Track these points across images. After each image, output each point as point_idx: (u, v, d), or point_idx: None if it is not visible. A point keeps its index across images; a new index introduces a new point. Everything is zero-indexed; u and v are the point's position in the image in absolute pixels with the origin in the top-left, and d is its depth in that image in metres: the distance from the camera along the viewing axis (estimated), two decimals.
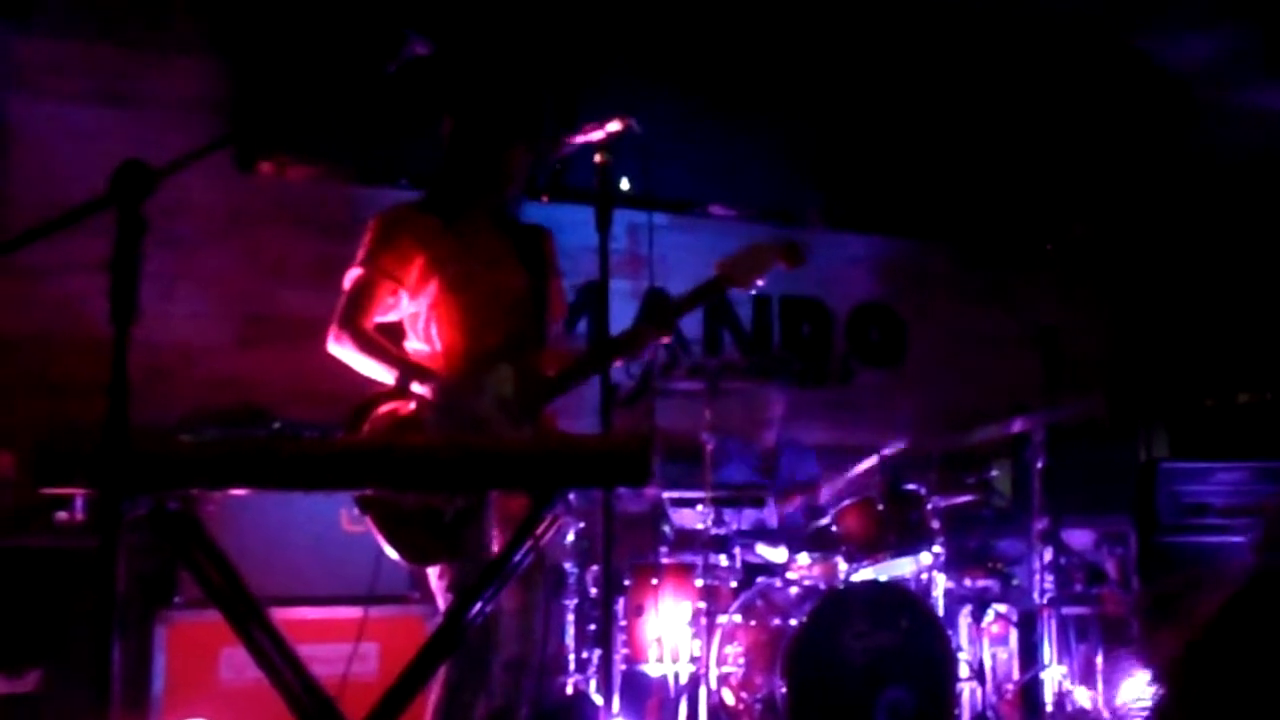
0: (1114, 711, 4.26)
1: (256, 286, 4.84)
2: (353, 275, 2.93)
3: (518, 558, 1.85)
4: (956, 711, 4.06)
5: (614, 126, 2.89)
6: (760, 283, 3.14)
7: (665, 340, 3.08)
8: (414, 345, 2.98)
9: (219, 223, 4.79)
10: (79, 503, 3.61)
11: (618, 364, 3.12)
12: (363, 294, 2.90)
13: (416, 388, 2.77)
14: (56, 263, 4.27)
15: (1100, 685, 4.51)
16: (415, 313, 2.96)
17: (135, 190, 1.76)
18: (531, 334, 3.00)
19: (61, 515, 3.60)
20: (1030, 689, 4.55)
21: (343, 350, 2.89)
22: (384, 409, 2.74)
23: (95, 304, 1.87)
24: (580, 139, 2.94)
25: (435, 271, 2.92)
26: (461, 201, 3.00)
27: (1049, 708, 4.33)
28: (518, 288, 3.00)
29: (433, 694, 2.77)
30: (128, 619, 3.46)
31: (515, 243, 3.05)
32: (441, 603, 2.81)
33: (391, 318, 2.99)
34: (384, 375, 2.82)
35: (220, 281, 4.78)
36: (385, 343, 2.89)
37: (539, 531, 1.78)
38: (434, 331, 2.94)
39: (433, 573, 2.80)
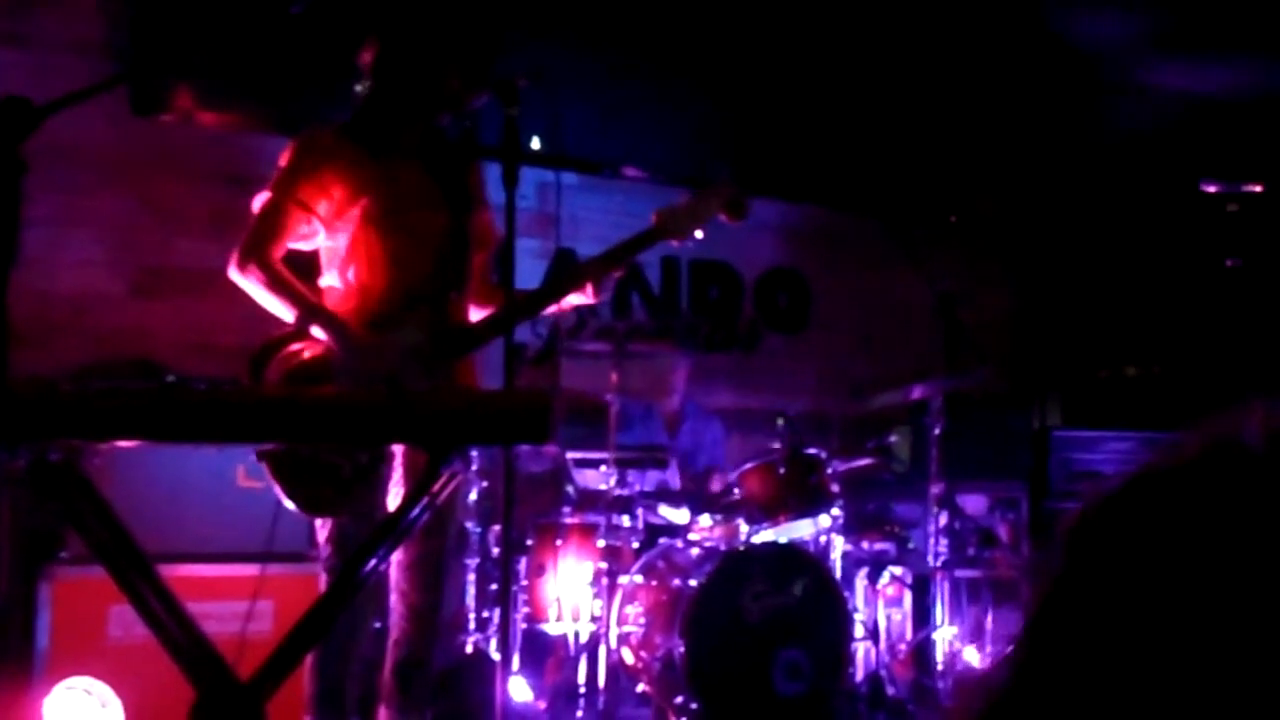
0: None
1: (152, 236, 4.69)
2: (263, 199, 2.77)
3: (413, 514, 1.83)
4: (851, 671, 4.15)
5: (523, 82, 2.82)
6: (699, 234, 3.06)
7: (590, 298, 2.97)
8: (329, 281, 2.85)
9: (114, 169, 4.63)
10: None
11: (528, 321, 3.05)
12: (273, 221, 2.75)
13: (317, 332, 2.66)
14: None
15: (989, 645, 4.65)
16: (332, 247, 2.83)
17: (15, 128, 1.69)
18: (453, 276, 2.88)
19: None
20: (922, 649, 4.67)
21: (246, 280, 2.73)
22: (287, 351, 2.61)
23: None
24: (489, 94, 2.88)
25: (356, 205, 2.78)
26: (388, 131, 2.86)
27: (940, 667, 4.45)
28: (441, 227, 2.87)
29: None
30: (11, 575, 3.36)
31: (441, 178, 2.92)
32: (322, 554, 2.76)
33: (303, 247, 2.84)
34: (285, 313, 2.70)
35: (114, 230, 4.63)
36: (291, 278, 2.74)
37: (436, 488, 1.76)
38: (350, 270, 2.81)
39: (318, 523, 2.75)
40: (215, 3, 4.47)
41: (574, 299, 2.99)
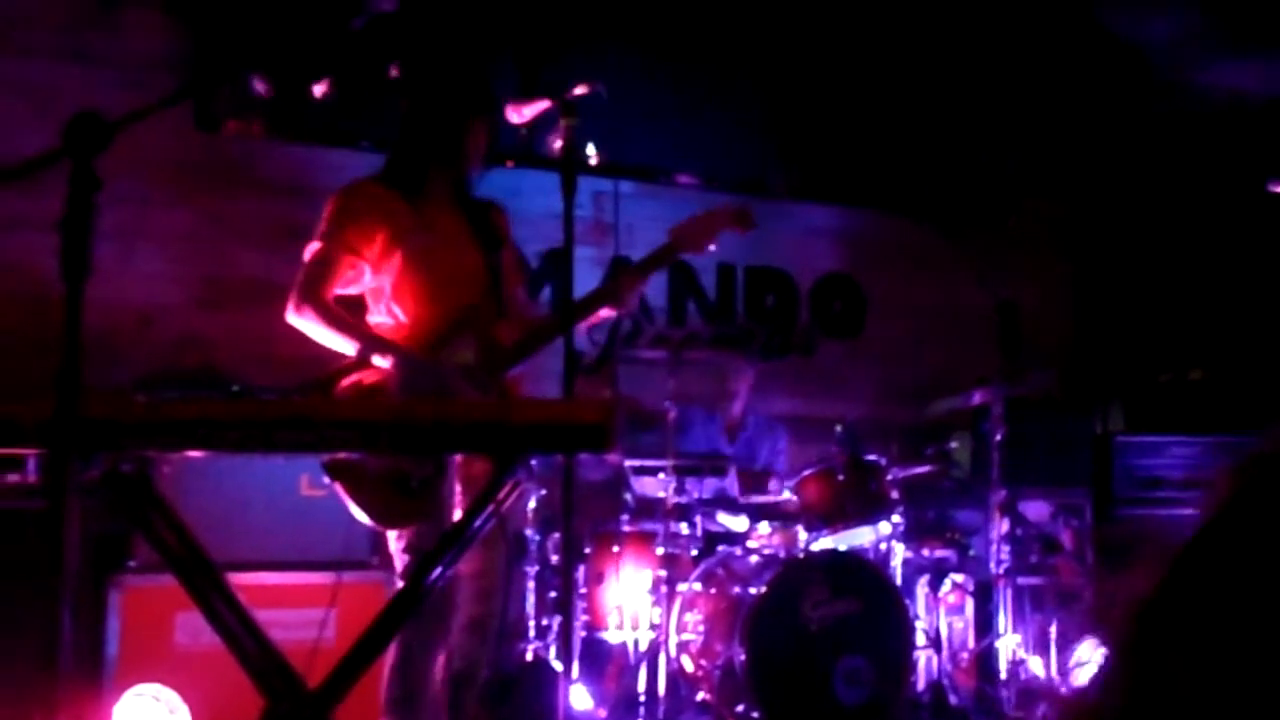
0: (1066, 679, 4.32)
1: (215, 248, 4.77)
2: (313, 248, 2.92)
3: (478, 523, 1.84)
4: (912, 679, 4.11)
5: (580, 91, 2.86)
6: (712, 247, 3.23)
7: (619, 310, 3.11)
8: (376, 319, 3.00)
9: (179, 183, 4.71)
10: (31, 464, 3.55)
11: (580, 331, 3.14)
12: (324, 266, 2.90)
13: (378, 360, 2.78)
14: (5, 218, 4.19)
15: (1054, 654, 4.58)
16: (378, 287, 2.98)
17: (89, 143, 1.72)
18: (490, 307, 3.03)
19: (13, 477, 3.54)
20: (985, 657, 4.61)
21: (303, 321, 2.88)
22: (348, 381, 2.76)
23: (48, 262, 1.83)
24: (545, 104, 2.91)
25: (398, 246, 2.93)
26: (420, 176, 3.01)
27: (1003, 676, 4.39)
28: (475, 264, 3.04)
29: (389, 657, 2.76)
30: (81, 583, 3.42)
31: (471, 219, 3.09)
32: (399, 565, 2.83)
33: (352, 291, 3.00)
34: (345, 347, 2.83)
35: (179, 242, 4.71)
36: (346, 314, 2.90)
37: (500, 496, 1.77)
38: (397, 306, 2.96)
39: (391, 535, 2.81)
40: (277, 19, 4.55)
41: (604, 312, 3.12)
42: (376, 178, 3.02)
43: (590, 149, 4.35)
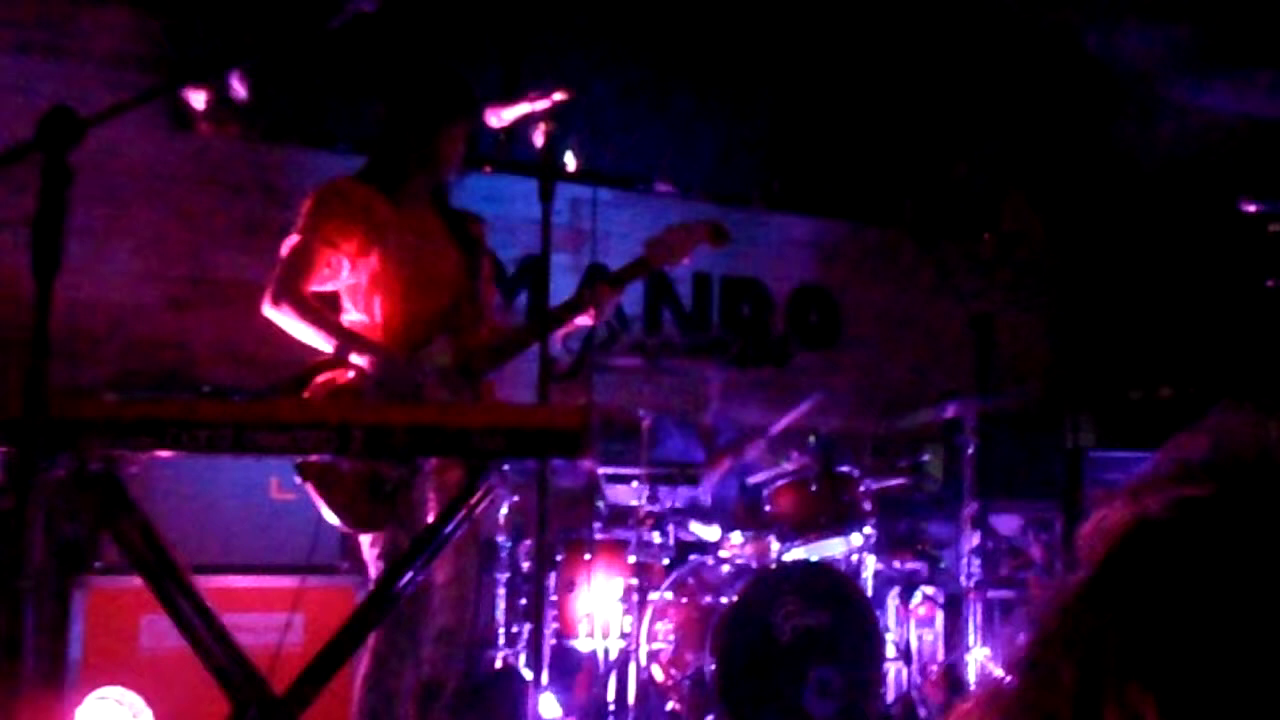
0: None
1: (189, 248, 4.73)
2: (291, 242, 2.90)
3: (450, 528, 1.82)
4: (882, 691, 4.11)
5: (559, 96, 2.85)
6: (685, 261, 3.24)
7: (593, 321, 3.11)
8: (353, 316, 2.97)
9: (151, 181, 4.67)
10: None
11: (555, 339, 3.14)
12: (301, 261, 2.87)
13: (355, 358, 2.76)
14: None
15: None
16: (355, 284, 2.95)
17: (62, 138, 1.70)
18: (467, 309, 3.02)
19: None
20: (954, 670, 4.62)
21: (280, 315, 2.85)
22: (322, 378, 2.74)
23: (17, 258, 1.81)
24: (524, 109, 2.90)
25: (376, 243, 2.91)
26: (400, 176, 3.01)
27: (972, 688, 4.40)
28: (454, 265, 3.03)
29: (362, 664, 2.74)
30: (45, 584, 3.38)
31: (449, 224, 3.09)
32: (374, 570, 2.80)
33: (329, 287, 2.97)
34: (321, 343, 2.81)
35: (151, 241, 4.67)
36: (324, 310, 2.88)
37: (473, 501, 1.76)
38: (375, 303, 2.94)
39: (365, 540, 2.79)
40: (253, 18, 4.52)
41: (579, 320, 3.12)
42: (357, 176, 3.01)
43: (569, 155, 4.35)
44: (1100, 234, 6.35)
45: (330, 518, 2.60)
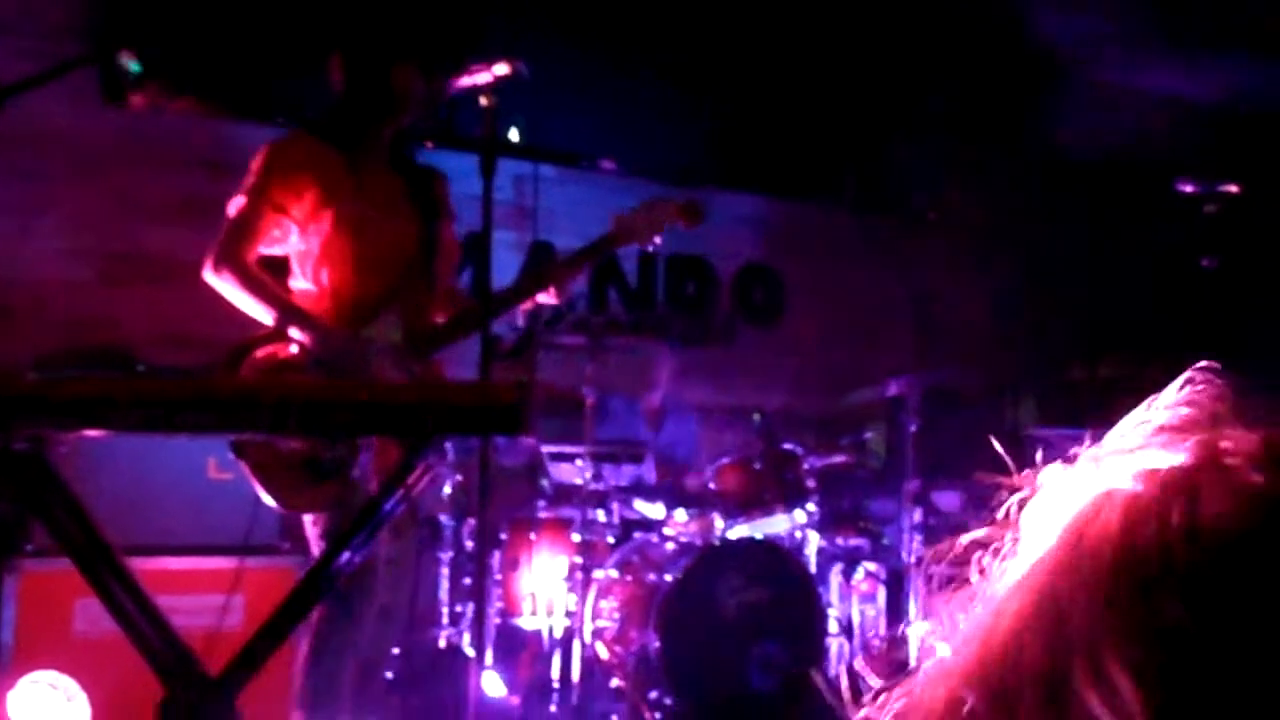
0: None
1: (121, 224, 4.62)
2: (237, 203, 2.77)
3: (389, 505, 1.80)
4: (824, 665, 4.14)
5: (501, 70, 2.79)
6: (657, 240, 3.11)
7: (552, 299, 3.04)
8: (300, 284, 2.86)
9: (83, 157, 4.55)
10: None
11: (513, 316, 3.09)
12: (247, 225, 2.75)
13: (294, 332, 2.67)
14: None
15: None
16: (304, 250, 2.83)
17: None
18: (421, 282, 2.91)
19: None
20: (896, 644, 4.67)
21: (221, 282, 2.73)
22: (263, 352, 2.65)
23: None
24: (466, 81, 2.85)
25: (328, 207, 2.79)
26: (357, 136, 2.87)
27: (913, 662, 4.44)
28: (410, 235, 2.90)
29: (302, 645, 2.71)
30: None
31: (409, 185, 2.95)
32: (316, 550, 2.75)
33: (276, 251, 2.85)
34: (262, 314, 2.70)
35: (82, 218, 4.55)
36: (267, 279, 2.76)
37: (411, 480, 1.73)
38: (323, 273, 2.82)
39: (308, 520, 2.74)
40: None
41: (540, 298, 3.03)
42: (310, 131, 2.87)
43: (512, 131, 4.29)
44: (1040, 213, 6.42)
45: (265, 497, 2.55)
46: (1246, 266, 4.58)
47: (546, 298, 3.02)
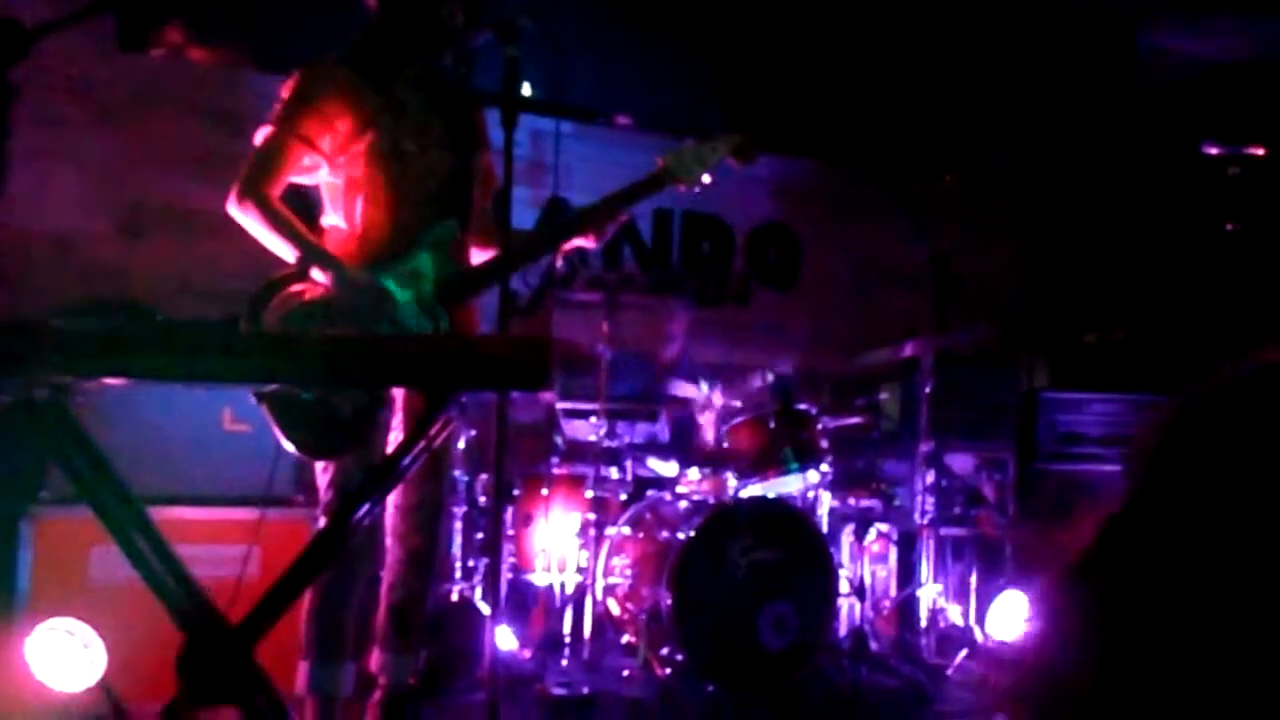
0: (984, 628, 4.41)
1: (142, 174, 4.60)
2: (265, 133, 2.68)
3: (408, 460, 1.80)
4: (835, 626, 4.16)
5: (520, 23, 2.75)
6: (706, 179, 3.00)
7: (590, 243, 2.93)
8: (332, 220, 2.79)
9: (101, 105, 4.53)
10: None
11: (552, 260, 3.01)
12: (274, 157, 2.66)
13: (316, 274, 2.60)
14: None
15: (973, 603, 4.66)
16: (335, 184, 2.75)
17: (6, 52, 1.63)
18: (459, 216, 2.82)
19: None
20: (906, 605, 4.68)
21: (244, 215, 2.66)
22: (290, 290, 2.57)
23: None
24: (485, 36, 2.80)
25: (361, 140, 2.70)
26: (392, 65, 2.77)
27: (923, 624, 4.47)
28: (447, 168, 2.81)
29: (306, 596, 2.71)
30: None
31: (445, 117, 2.85)
32: (323, 497, 2.73)
33: (306, 180, 2.77)
34: (285, 251, 2.63)
35: (100, 166, 4.54)
36: (291, 217, 2.67)
37: (432, 433, 1.73)
38: (356, 209, 2.74)
39: (318, 467, 2.72)
40: None
41: (576, 243, 2.94)
42: (342, 59, 2.75)
43: (526, 87, 4.24)
44: (1061, 176, 6.37)
45: (286, 445, 2.54)
46: (1270, 230, 4.54)
47: (585, 242, 2.93)
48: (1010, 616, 4.35)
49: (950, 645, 4.38)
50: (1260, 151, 3.90)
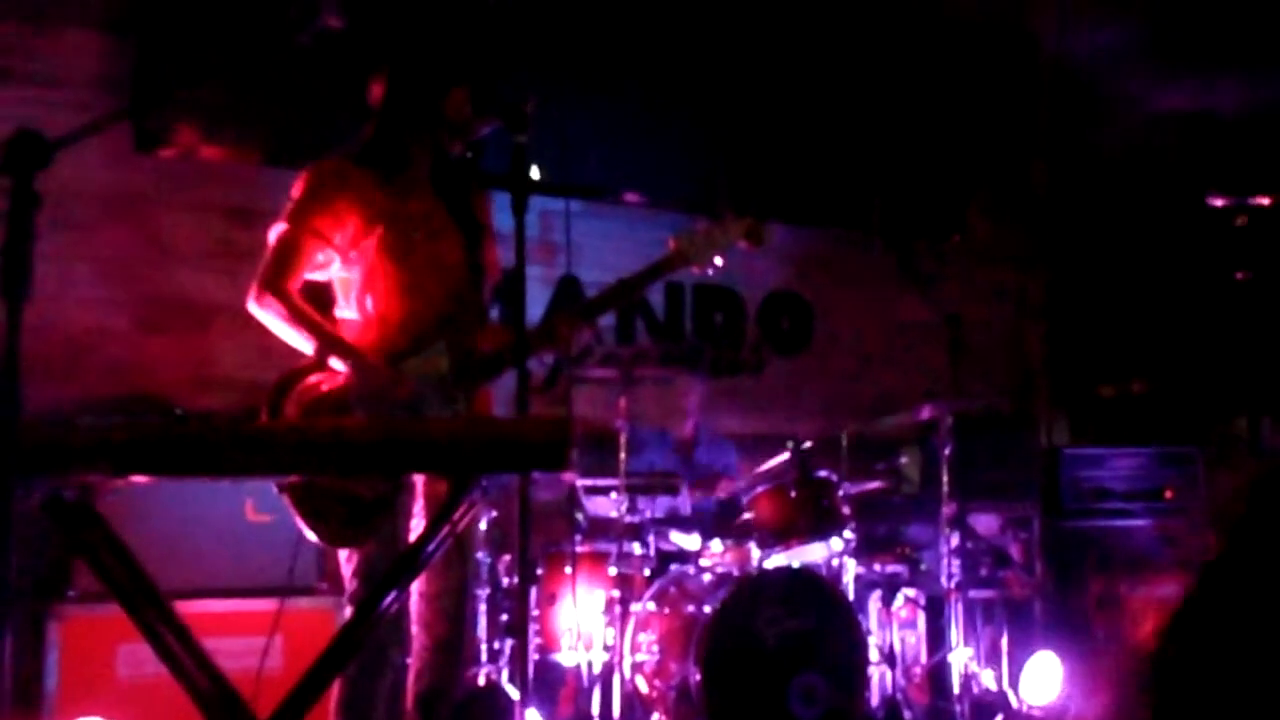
0: (1018, 692, 4.35)
1: (156, 271, 4.66)
2: (278, 231, 2.75)
3: (432, 546, 1.80)
4: (867, 695, 4.11)
5: (528, 110, 2.80)
6: (718, 262, 3.03)
7: (559, 354, 2.99)
8: (345, 313, 2.84)
9: (117, 205, 4.61)
10: None
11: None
12: (289, 253, 2.72)
13: (335, 363, 2.64)
14: None
15: (1005, 666, 4.60)
16: (347, 278, 2.81)
17: (30, 161, 1.67)
18: (470, 305, 2.87)
19: None
20: (938, 671, 4.62)
21: (264, 313, 2.72)
22: (308, 382, 2.60)
23: None
24: (493, 122, 2.85)
25: (371, 235, 2.76)
26: (399, 159, 2.84)
27: (956, 690, 4.40)
28: (456, 257, 2.86)
29: (334, 688, 2.70)
30: (19, 614, 3.32)
31: (452, 207, 2.90)
32: (348, 587, 2.73)
33: (318, 277, 2.82)
34: (303, 344, 2.68)
35: (118, 265, 4.60)
36: (309, 310, 2.73)
37: (456, 517, 1.74)
38: (368, 300, 2.79)
39: (342, 556, 2.73)
40: (219, 36, 4.48)
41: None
42: (350, 155, 2.82)
43: (534, 170, 4.30)
44: (1070, 231, 6.40)
45: (308, 533, 2.55)
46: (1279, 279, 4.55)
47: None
48: (1044, 679, 4.29)
49: (985, 712, 4.32)
50: (1266, 201, 3.93)
